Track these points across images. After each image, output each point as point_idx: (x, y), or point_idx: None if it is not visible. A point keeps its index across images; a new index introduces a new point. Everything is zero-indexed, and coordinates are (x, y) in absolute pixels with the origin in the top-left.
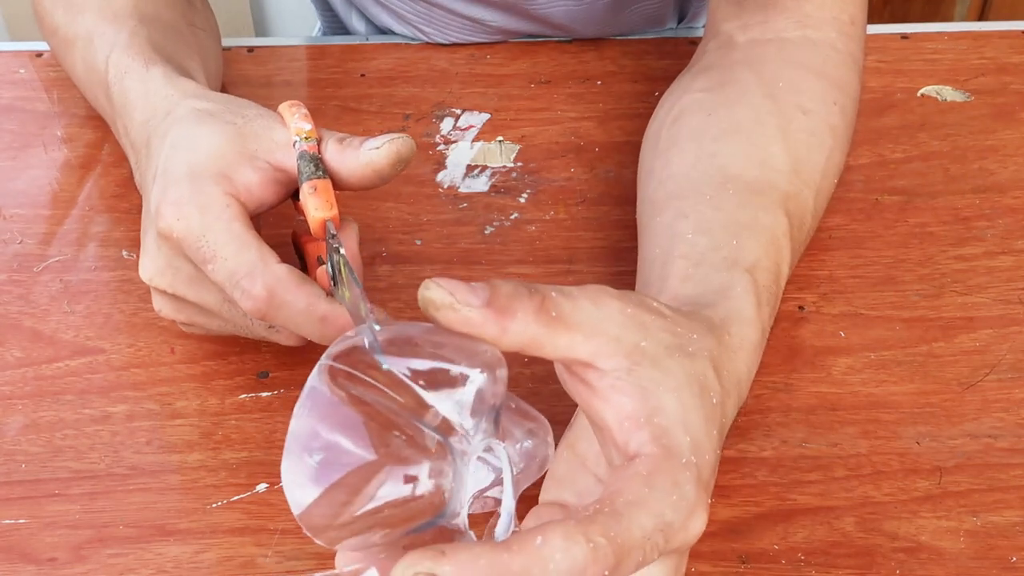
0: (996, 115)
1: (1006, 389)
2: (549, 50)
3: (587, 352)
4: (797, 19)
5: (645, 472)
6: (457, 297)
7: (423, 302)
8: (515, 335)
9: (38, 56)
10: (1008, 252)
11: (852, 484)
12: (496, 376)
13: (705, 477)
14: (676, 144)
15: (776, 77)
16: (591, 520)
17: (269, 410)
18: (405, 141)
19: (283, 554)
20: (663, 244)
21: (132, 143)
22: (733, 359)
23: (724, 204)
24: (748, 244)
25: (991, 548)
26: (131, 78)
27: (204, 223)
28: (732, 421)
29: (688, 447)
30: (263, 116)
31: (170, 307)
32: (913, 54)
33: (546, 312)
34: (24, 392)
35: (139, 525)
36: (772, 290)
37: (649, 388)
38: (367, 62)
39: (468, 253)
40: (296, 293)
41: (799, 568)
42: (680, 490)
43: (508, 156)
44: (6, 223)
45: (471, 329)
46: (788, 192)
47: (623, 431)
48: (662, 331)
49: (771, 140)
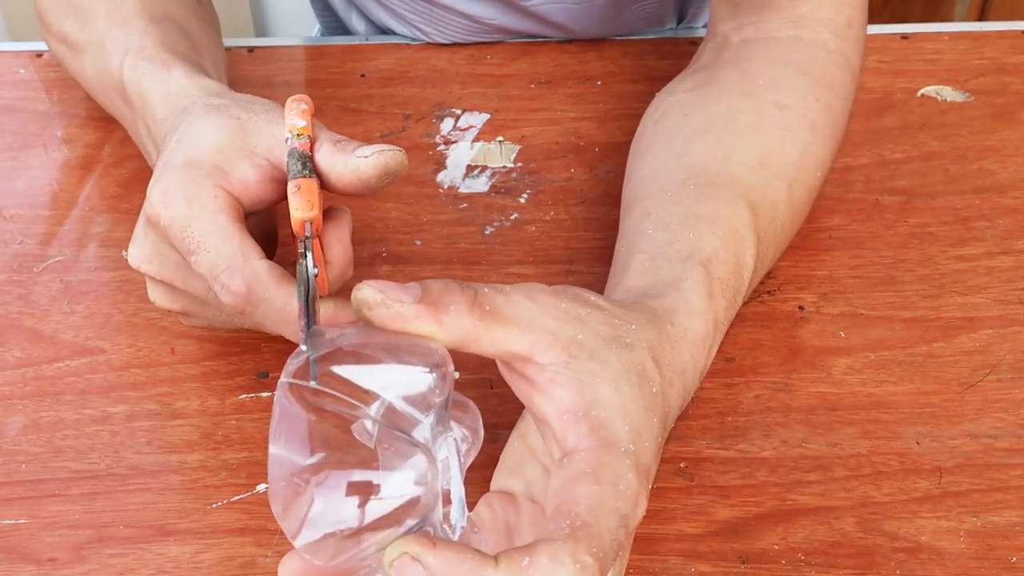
0: (996, 115)
1: (1006, 389)
2: (549, 50)
3: (524, 346)
4: (791, 20)
5: (588, 468)
6: (388, 295)
7: (356, 303)
8: (451, 328)
9: (38, 56)
10: (1008, 252)
11: (852, 484)
12: (445, 372)
13: (645, 464)
14: (653, 146)
15: (757, 75)
16: (575, 539)
17: (269, 410)
18: (395, 155)
19: (283, 554)
20: (627, 243)
21: (154, 139)
22: (675, 348)
23: (684, 199)
24: (704, 236)
25: (991, 548)
26: (150, 79)
27: (189, 213)
28: (679, 411)
29: (627, 436)
30: (269, 111)
31: (164, 296)
32: (913, 54)
33: (479, 306)
34: (24, 392)
35: (139, 525)
36: (730, 282)
37: (586, 381)
38: (367, 62)
39: (468, 253)
40: (274, 291)
41: (799, 568)
42: (624, 480)
43: (508, 156)
44: (6, 223)
45: (406, 325)
46: (752, 184)
47: (562, 425)
48: (599, 323)
49: (740, 136)
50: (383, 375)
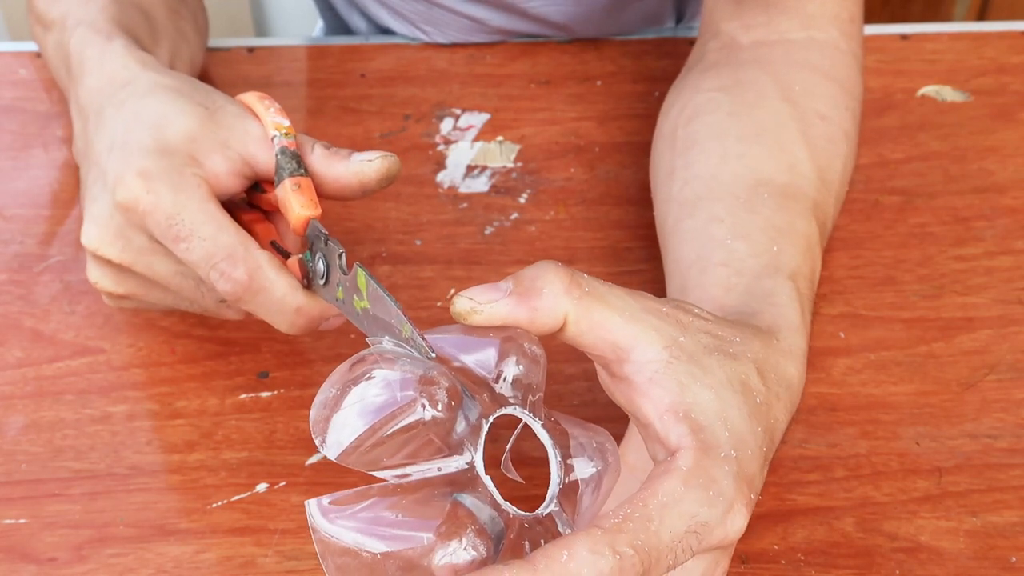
0: (996, 115)
1: (1005, 389)
2: (549, 50)
3: (625, 337)
4: (800, 19)
5: (684, 468)
6: (478, 299)
7: (455, 317)
8: (545, 312)
9: (38, 56)
10: (1007, 252)
11: (852, 484)
12: (529, 352)
13: (749, 472)
14: (697, 143)
15: (790, 80)
16: (619, 529)
17: (269, 410)
18: (395, 161)
19: (283, 554)
20: (697, 249)
21: (81, 108)
22: (782, 363)
23: (760, 208)
24: (788, 251)
25: (991, 548)
26: (90, 48)
27: (177, 201)
28: (786, 425)
29: (727, 442)
30: (232, 104)
31: (109, 279)
32: (913, 54)
33: (577, 286)
34: (25, 392)
35: (139, 525)
36: (810, 298)
37: (686, 383)
38: (367, 62)
39: (468, 253)
40: (276, 281)
41: (799, 568)
42: (717, 486)
43: (508, 156)
44: (6, 223)
45: (503, 322)
46: (816, 199)
47: (664, 424)
48: (701, 332)
49: (796, 145)
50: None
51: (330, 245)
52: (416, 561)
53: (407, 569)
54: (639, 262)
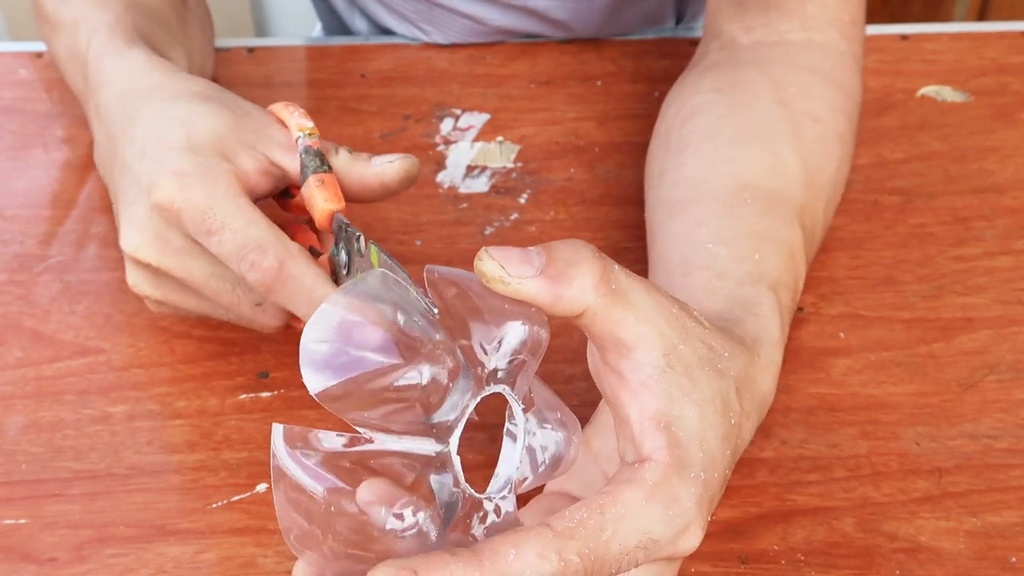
0: (995, 115)
1: (1005, 390)
2: (549, 50)
3: (633, 337)
4: (800, 21)
5: (650, 481)
6: (509, 270)
7: (478, 272)
8: (568, 303)
9: (38, 57)
10: (1007, 252)
11: (852, 485)
12: (535, 333)
13: (710, 494)
14: (690, 145)
15: (786, 81)
16: (570, 535)
17: (269, 410)
18: (415, 162)
19: (283, 554)
20: (681, 251)
21: (103, 118)
22: (759, 379)
23: (743, 213)
24: (769, 259)
25: (991, 548)
26: (110, 56)
27: (210, 195)
28: (747, 443)
29: (699, 463)
30: (259, 112)
31: (148, 282)
32: (913, 54)
33: (606, 283)
34: (24, 392)
35: (139, 525)
36: (791, 308)
37: (675, 395)
38: (367, 62)
39: (468, 253)
40: (306, 270)
41: (799, 568)
42: (679, 506)
43: (508, 156)
44: (6, 223)
45: (526, 299)
46: (803, 204)
47: (643, 430)
48: (699, 340)
49: (786, 148)
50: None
51: (349, 231)
52: (367, 528)
53: (356, 531)
54: (639, 262)
